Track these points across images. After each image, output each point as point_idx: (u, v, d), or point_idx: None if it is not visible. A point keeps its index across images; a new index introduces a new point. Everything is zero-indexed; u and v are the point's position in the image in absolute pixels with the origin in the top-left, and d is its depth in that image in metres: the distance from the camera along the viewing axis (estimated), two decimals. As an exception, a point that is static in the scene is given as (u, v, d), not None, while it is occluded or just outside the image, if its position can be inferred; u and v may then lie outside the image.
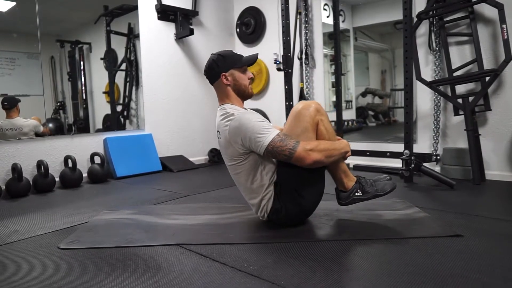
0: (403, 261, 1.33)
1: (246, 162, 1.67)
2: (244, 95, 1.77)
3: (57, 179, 3.04)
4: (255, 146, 1.58)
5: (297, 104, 1.69)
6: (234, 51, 1.81)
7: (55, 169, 3.10)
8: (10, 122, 3.00)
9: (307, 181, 1.68)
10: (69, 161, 3.08)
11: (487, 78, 2.65)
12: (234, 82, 1.73)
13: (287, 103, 3.53)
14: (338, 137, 1.76)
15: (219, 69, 1.73)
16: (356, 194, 1.77)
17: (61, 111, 3.40)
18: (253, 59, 1.77)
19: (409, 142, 2.67)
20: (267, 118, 4.14)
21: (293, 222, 1.75)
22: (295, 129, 1.64)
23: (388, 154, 3.09)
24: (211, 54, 1.79)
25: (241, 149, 1.64)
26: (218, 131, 1.73)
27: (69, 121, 3.44)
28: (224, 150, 1.72)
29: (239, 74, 1.74)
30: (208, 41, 4.32)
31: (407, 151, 2.65)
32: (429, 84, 2.89)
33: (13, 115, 3.01)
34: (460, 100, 2.78)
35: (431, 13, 2.93)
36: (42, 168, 2.88)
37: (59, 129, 3.34)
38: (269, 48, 4.23)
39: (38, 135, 3.12)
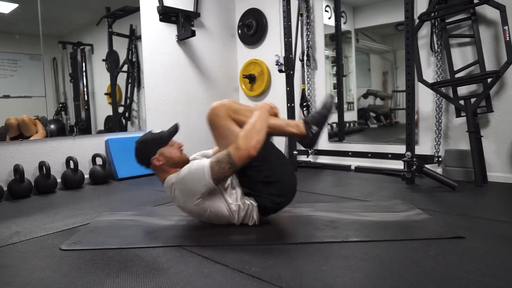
0: (404, 263, 1.33)
1: (207, 197, 1.68)
2: (179, 164, 1.77)
3: (58, 180, 3.05)
4: (204, 189, 1.62)
5: (206, 116, 1.73)
6: (153, 133, 1.80)
7: (57, 170, 3.10)
8: None
9: (264, 163, 1.70)
10: (71, 162, 3.09)
11: (489, 80, 2.65)
12: (165, 160, 1.75)
13: (288, 105, 3.53)
14: (252, 107, 1.76)
15: (148, 155, 1.75)
16: (313, 128, 1.81)
17: (63, 113, 3.40)
18: (173, 131, 1.80)
19: (410, 144, 2.67)
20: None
21: (285, 199, 1.77)
22: (221, 134, 1.70)
23: (389, 155, 3.08)
24: (135, 142, 1.79)
25: (198, 198, 1.66)
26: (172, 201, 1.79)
27: (71, 122, 3.44)
28: (184, 206, 1.75)
29: (167, 150, 1.76)
30: (210, 42, 4.33)
31: (408, 153, 2.64)
32: (431, 86, 2.89)
33: None
34: (462, 102, 2.77)
35: (432, 14, 2.92)
36: (44, 169, 2.89)
37: (61, 131, 3.35)
38: (270, 50, 4.23)
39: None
